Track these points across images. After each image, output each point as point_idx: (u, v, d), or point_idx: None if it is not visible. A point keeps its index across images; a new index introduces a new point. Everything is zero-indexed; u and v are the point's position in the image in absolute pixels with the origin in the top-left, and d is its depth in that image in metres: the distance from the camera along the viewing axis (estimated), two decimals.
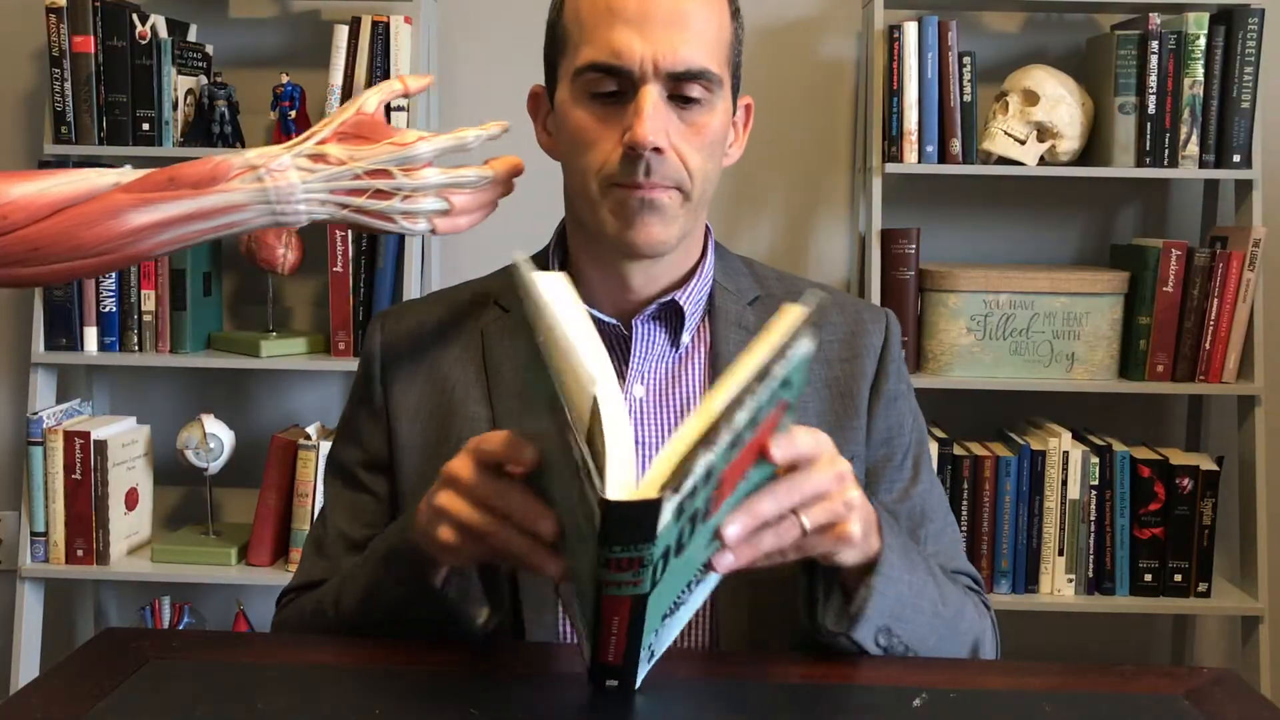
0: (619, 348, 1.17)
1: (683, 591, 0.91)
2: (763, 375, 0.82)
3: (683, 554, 0.85)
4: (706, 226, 1.22)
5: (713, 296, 1.20)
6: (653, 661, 0.93)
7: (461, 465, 0.94)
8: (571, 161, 1.13)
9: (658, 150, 1.06)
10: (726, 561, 0.89)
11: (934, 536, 1.19)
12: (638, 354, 1.16)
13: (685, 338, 1.17)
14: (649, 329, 1.17)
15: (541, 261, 1.23)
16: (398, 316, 1.25)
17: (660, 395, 1.17)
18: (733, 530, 0.88)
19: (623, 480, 0.79)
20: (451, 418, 1.17)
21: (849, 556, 0.97)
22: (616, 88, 1.08)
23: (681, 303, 1.16)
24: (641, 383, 1.16)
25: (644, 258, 1.13)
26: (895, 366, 1.22)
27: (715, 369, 1.16)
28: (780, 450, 0.89)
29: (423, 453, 1.17)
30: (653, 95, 1.06)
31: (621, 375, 1.16)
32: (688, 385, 1.17)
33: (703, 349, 1.19)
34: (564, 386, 0.81)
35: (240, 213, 1.07)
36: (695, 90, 1.08)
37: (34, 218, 1.04)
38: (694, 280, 1.18)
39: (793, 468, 0.92)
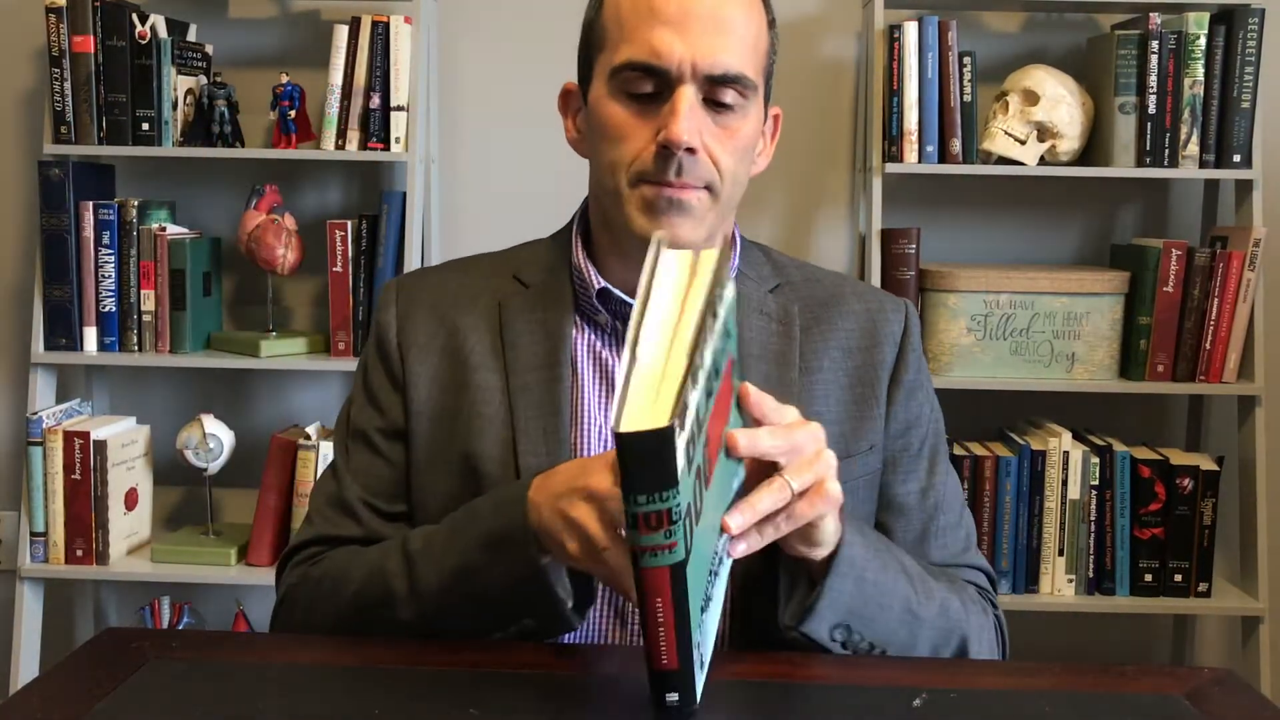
0: None
1: (708, 584, 0.90)
2: (713, 311, 0.82)
3: (701, 521, 0.83)
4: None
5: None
6: (704, 670, 0.91)
7: (605, 481, 0.93)
8: (602, 156, 1.13)
9: (691, 151, 1.07)
10: (736, 523, 0.90)
11: (948, 529, 1.20)
12: None
13: None
14: None
15: (551, 248, 1.23)
16: (413, 284, 1.25)
17: None
18: (744, 442, 0.90)
19: (636, 417, 0.78)
20: (465, 388, 1.17)
21: (827, 534, 0.98)
22: (653, 89, 1.09)
23: None
24: None
25: None
26: (915, 357, 1.22)
27: (739, 353, 1.17)
28: (750, 395, 0.93)
29: (437, 420, 1.17)
30: (689, 96, 1.07)
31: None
32: None
33: None
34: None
35: None
36: (729, 96, 1.09)
37: None
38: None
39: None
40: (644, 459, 0.76)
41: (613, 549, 0.91)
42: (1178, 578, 2.32)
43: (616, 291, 1.17)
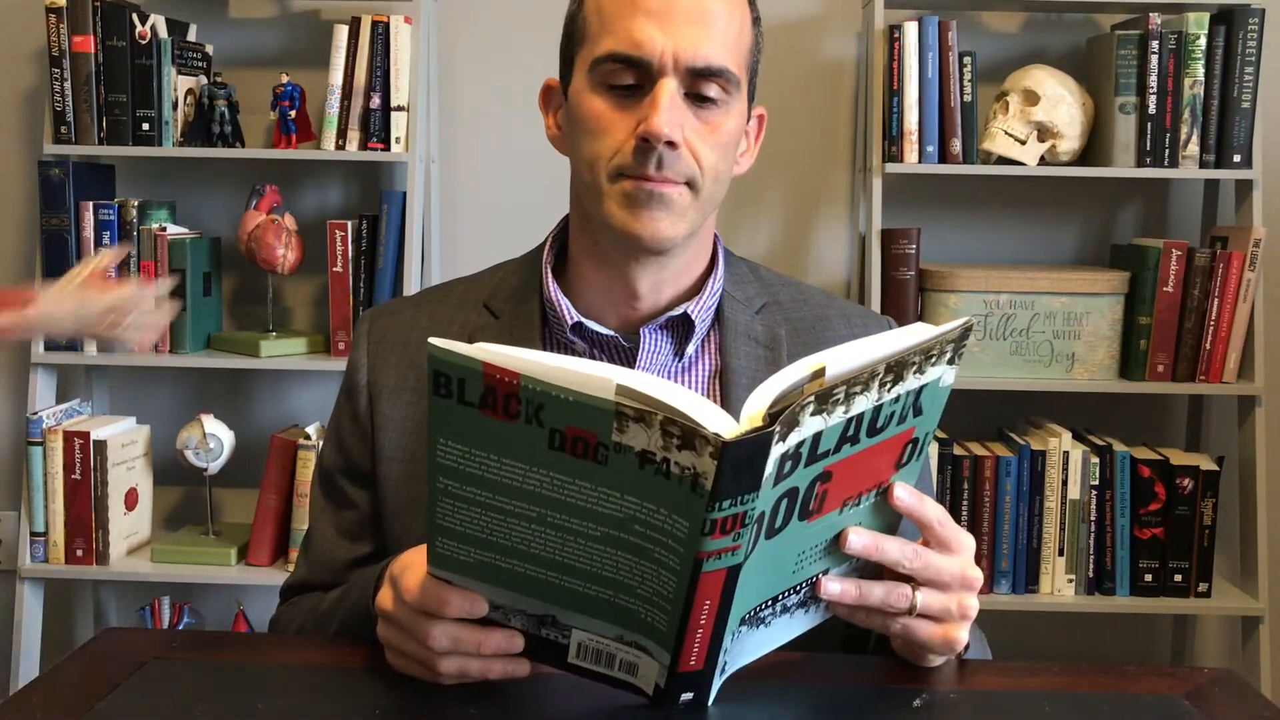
0: (619, 360, 1.15)
1: (768, 604, 0.89)
2: (896, 374, 0.80)
3: (775, 539, 0.82)
4: (715, 234, 1.20)
5: (721, 306, 1.17)
6: (723, 676, 0.90)
7: (387, 599, 0.93)
8: (581, 151, 1.10)
9: (671, 144, 1.05)
10: (832, 590, 0.89)
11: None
12: (642, 363, 1.14)
13: (690, 349, 1.15)
14: (656, 339, 1.15)
15: (519, 272, 1.21)
16: (386, 321, 1.22)
17: None
18: (857, 541, 0.87)
19: (721, 423, 0.75)
20: None
21: (935, 662, 0.98)
22: (634, 80, 1.06)
23: (693, 315, 1.14)
24: None
25: (648, 252, 1.10)
26: None
27: (724, 381, 1.15)
28: (906, 497, 0.90)
29: (409, 466, 1.15)
30: (670, 88, 1.05)
31: None
32: None
33: (708, 360, 1.17)
34: (583, 399, 0.75)
35: (16, 331, 1.54)
36: (713, 89, 1.07)
37: None
38: (705, 291, 1.16)
39: (926, 542, 0.92)
40: (740, 464, 0.75)
41: (444, 664, 0.90)
42: (1178, 578, 2.32)
43: (591, 325, 1.13)
